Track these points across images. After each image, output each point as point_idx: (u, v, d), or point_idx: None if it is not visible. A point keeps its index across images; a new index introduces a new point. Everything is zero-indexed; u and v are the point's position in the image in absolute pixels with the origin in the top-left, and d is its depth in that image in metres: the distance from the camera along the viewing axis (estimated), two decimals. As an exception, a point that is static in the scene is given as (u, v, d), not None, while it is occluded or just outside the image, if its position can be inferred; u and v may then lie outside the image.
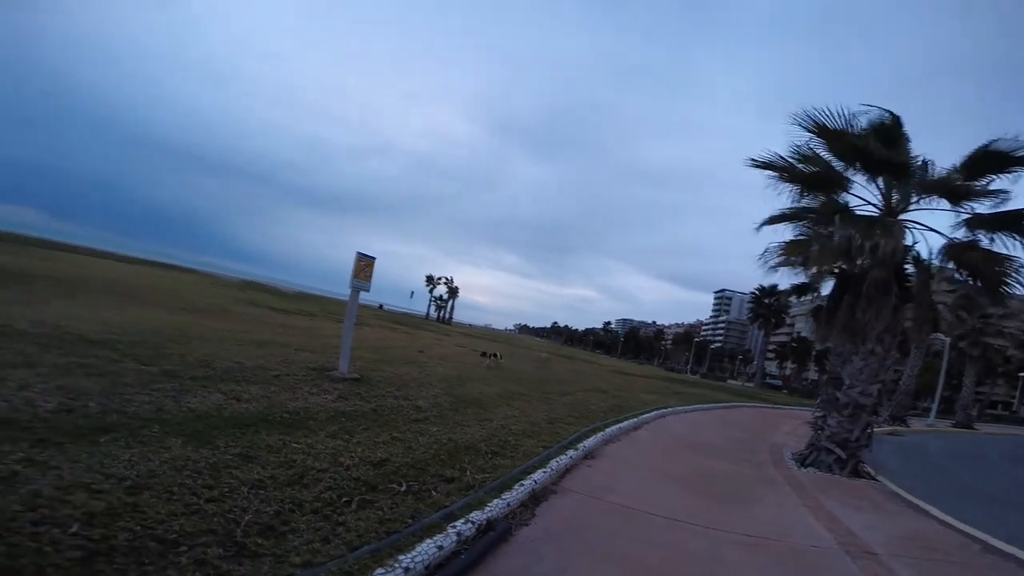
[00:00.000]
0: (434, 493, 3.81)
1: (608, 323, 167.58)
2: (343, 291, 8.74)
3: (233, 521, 2.75)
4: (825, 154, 8.41)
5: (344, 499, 3.35)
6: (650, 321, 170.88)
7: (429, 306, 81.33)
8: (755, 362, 71.71)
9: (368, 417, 5.63)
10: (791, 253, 8.89)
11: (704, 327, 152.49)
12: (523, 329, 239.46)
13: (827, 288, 9.26)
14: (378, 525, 3.07)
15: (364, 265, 7.92)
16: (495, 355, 15.56)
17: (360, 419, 5.47)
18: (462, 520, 3.34)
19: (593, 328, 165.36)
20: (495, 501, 3.82)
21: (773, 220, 9.19)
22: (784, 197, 8.87)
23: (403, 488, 3.77)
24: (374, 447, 4.60)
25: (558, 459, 5.40)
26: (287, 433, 4.44)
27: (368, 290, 8.11)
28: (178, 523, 2.61)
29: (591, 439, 6.80)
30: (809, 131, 8.07)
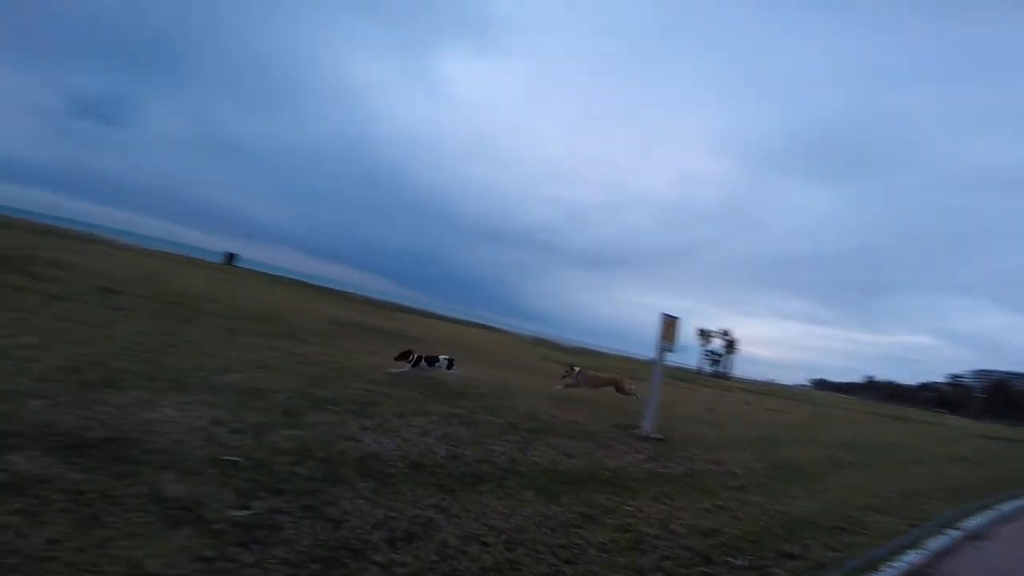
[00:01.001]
0: (776, 570, 3.48)
1: (956, 375, 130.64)
2: (615, 345, 9.01)
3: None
4: None
5: (682, 569, 3.26)
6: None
7: (702, 360, 77.15)
8: None
9: (683, 481, 5.47)
10: None
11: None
12: (820, 384, 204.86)
13: None
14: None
15: (669, 326, 7.82)
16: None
17: (676, 483, 5.34)
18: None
19: (932, 383, 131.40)
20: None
21: None
22: None
23: (741, 563, 3.52)
24: (699, 514, 4.42)
25: (934, 539, 4.52)
26: (615, 493, 4.53)
27: (673, 351, 8.03)
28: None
29: (976, 518, 5.53)
30: None
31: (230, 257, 35.85)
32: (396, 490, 3.48)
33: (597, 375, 10.16)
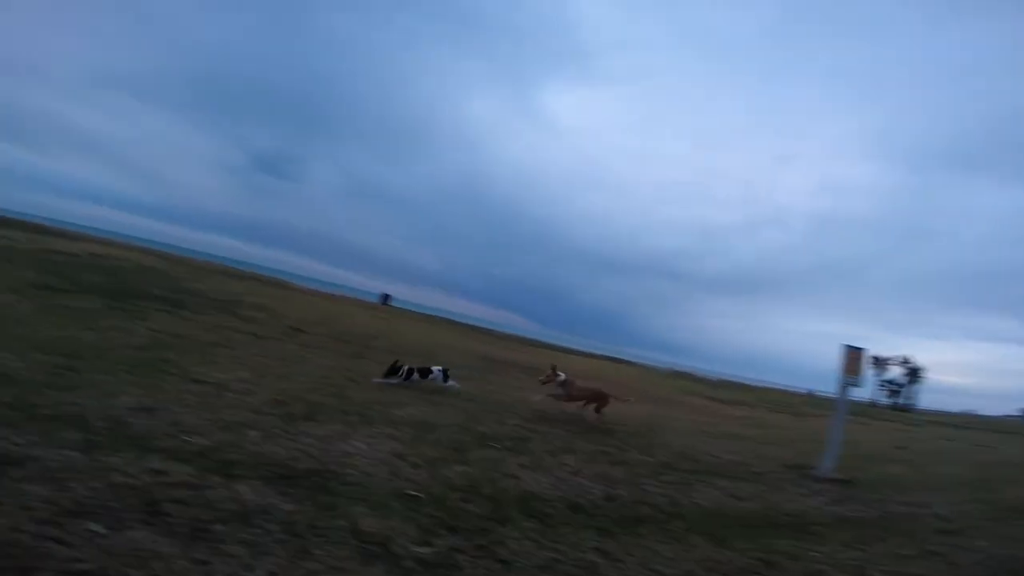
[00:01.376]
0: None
1: None
2: (764, 377, 8.15)
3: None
4: None
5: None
6: None
7: (877, 391, 67.43)
8: None
9: (877, 526, 4.85)
10: None
11: None
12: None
13: None
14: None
15: (853, 358, 7.12)
16: None
17: (869, 527, 4.75)
18: None
19: None
20: None
21: None
22: None
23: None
24: (902, 561, 3.92)
25: None
26: (797, 539, 4.17)
27: (859, 385, 7.30)
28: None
29: None
30: None
31: (385, 297, 38.92)
32: (558, 531, 3.47)
33: (582, 387, 8.05)
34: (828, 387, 7.43)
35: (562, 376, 7.60)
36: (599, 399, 7.75)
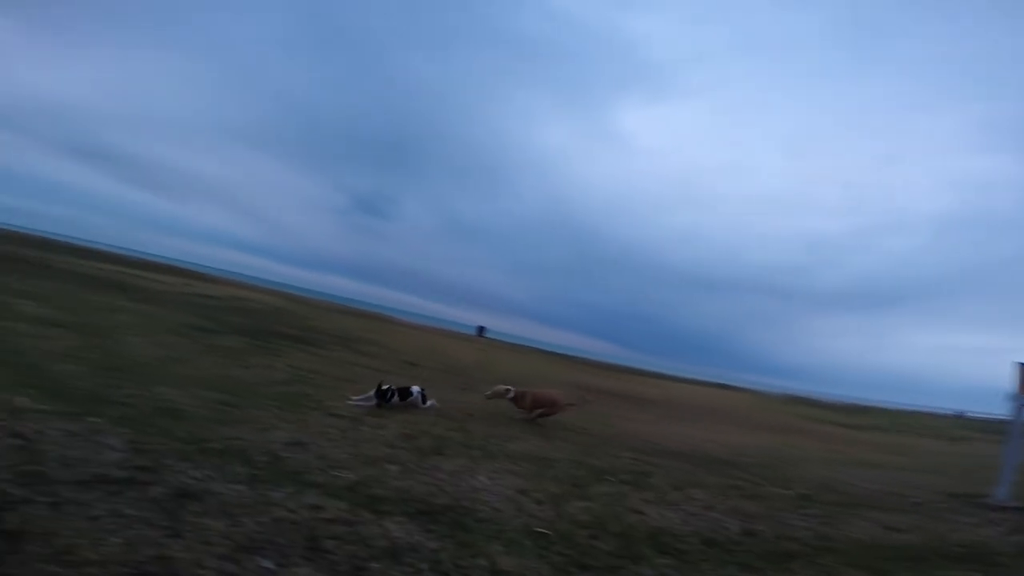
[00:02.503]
0: None
1: None
2: (898, 399, 7.11)
3: None
4: None
5: None
6: None
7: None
8: None
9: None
10: None
11: None
12: None
13: None
14: None
15: None
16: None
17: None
18: None
19: None
20: None
21: None
22: None
23: None
24: None
25: None
26: (977, 570, 3.68)
27: None
28: None
29: None
30: None
31: (480, 329, 39.72)
32: (697, 568, 3.23)
33: (536, 396, 7.47)
34: (981, 407, 6.49)
35: (511, 392, 7.25)
36: (551, 406, 7.49)
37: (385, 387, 6.36)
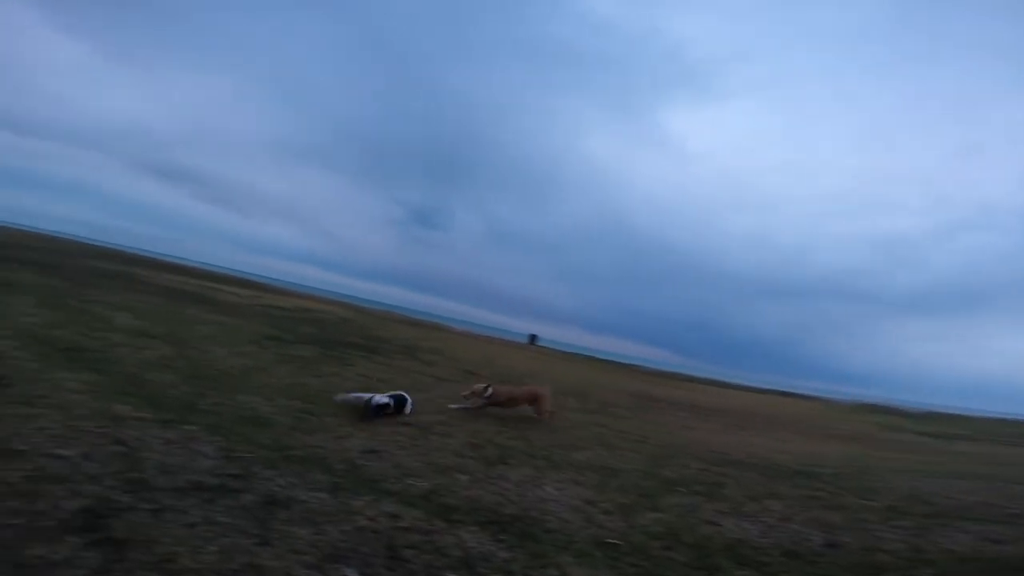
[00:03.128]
0: None
1: None
2: (987, 407, 6.39)
3: None
4: None
5: None
6: None
7: None
8: None
9: None
10: None
11: None
12: None
13: None
14: None
15: None
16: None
17: None
18: None
19: None
20: None
21: None
22: None
23: None
24: None
25: None
26: None
27: None
28: None
29: None
30: None
31: (532, 337, 39.60)
32: None
33: (513, 390, 7.16)
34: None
35: (490, 390, 6.70)
36: (533, 397, 7.11)
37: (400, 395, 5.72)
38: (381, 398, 5.33)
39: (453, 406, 6.68)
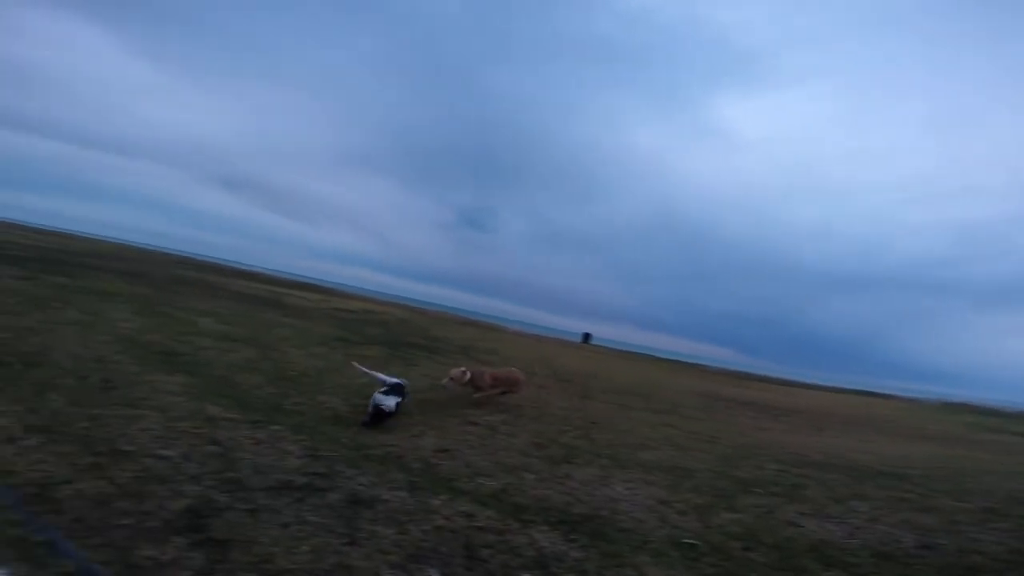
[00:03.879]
0: None
1: None
2: None
3: None
4: None
5: None
6: None
7: None
8: None
9: None
10: None
11: None
12: None
13: None
14: None
15: None
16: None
17: None
18: None
19: None
20: None
21: None
22: None
23: None
24: None
25: None
26: None
27: None
28: None
29: None
30: None
31: (586, 336, 39.10)
32: None
33: (494, 373, 6.67)
34: None
35: (468, 374, 6.24)
36: (511, 384, 6.76)
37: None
38: (387, 402, 4.59)
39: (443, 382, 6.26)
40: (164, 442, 3.27)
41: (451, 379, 6.25)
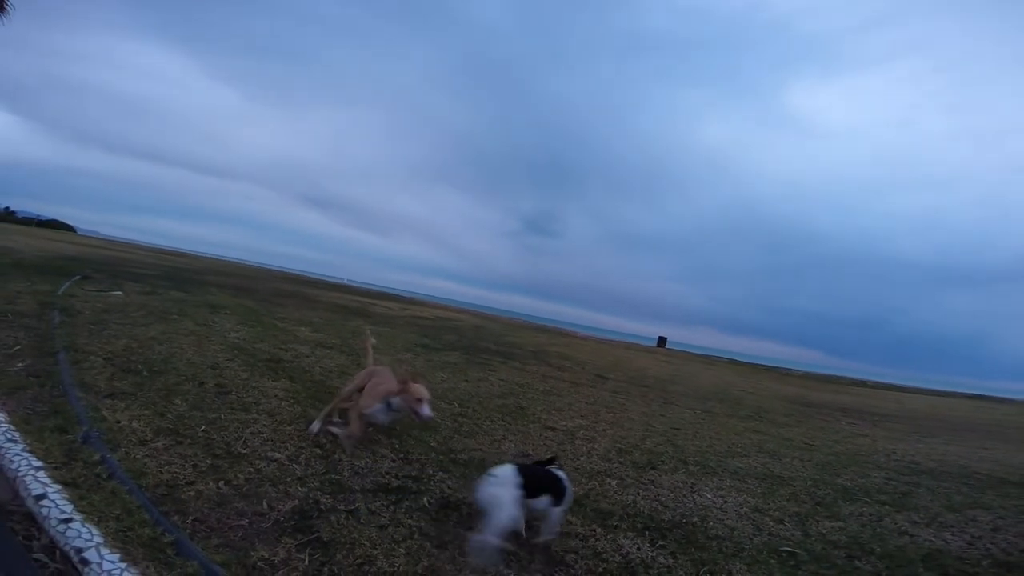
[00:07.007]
0: None
1: None
2: None
3: None
4: None
5: None
6: None
7: None
8: None
9: None
10: None
11: None
12: None
13: None
14: None
15: None
16: None
17: None
18: None
19: None
20: None
21: None
22: None
23: None
24: None
25: None
26: None
27: None
28: None
29: None
30: None
31: (662, 340, 37.90)
32: None
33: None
34: None
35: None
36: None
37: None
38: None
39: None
40: (274, 444, 3.46)
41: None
